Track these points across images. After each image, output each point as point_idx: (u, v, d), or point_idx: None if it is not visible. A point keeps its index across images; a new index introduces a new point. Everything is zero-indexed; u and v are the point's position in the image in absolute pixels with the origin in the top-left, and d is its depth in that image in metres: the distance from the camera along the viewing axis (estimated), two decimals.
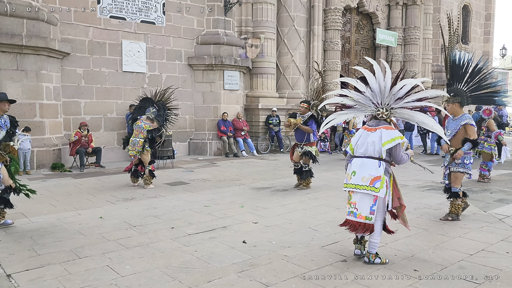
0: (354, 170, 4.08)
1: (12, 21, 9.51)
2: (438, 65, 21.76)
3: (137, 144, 7.90)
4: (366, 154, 4.08)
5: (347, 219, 4.11)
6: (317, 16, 15.67)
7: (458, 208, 5.68)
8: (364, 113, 4.41)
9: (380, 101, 4.20)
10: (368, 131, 4.14)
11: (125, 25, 11.99)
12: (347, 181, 4.16)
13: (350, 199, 4.11)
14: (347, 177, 4.18)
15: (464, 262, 4.08)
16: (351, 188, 4.08)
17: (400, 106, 4.18)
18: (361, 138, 4.17)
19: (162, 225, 5.42)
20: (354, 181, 4.05)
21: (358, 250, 4.18)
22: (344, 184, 4.19)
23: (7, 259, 4.16)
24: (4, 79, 9.56)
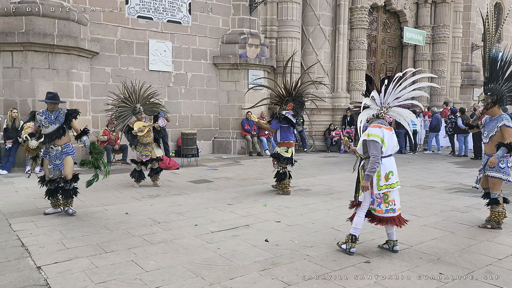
0: (391, 170, 4.27)
1: (44, 21, 9.81)
2: (468, 64, 21.19)
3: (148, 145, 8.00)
4: (393, 152, 4.33)
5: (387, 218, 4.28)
6: (343, 15, 15.51)
7: (499, 216, 5.25)
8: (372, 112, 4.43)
9: (384, 101, 4.37)
10: (389, 130, 4.29)
11: (152, 24, 12.19)
12: (383, 182, 4.21)
13: (387, 198, 4.27)
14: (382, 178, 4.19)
15: (492, 267, 3.98)
16: (392, 188, 4.25)
17: (396, 105, 4.38)
18: (390, 137, 4.26)
19: (186, 222, 5.50)
20: (393, 180, 4.26)
21: (354, 249, 4.31)
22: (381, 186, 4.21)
23: (37, 252, 4.30)
24: (37, 78, 9.88)
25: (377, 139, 4.16)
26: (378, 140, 4.16)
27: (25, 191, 7.39)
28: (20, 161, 9.68)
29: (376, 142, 4.16)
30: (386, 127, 4.27)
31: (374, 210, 4.33)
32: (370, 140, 4.18)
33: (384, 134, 4.21)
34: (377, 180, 4.21)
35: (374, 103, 4.40)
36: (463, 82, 20.94)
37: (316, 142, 15.03)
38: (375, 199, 4.31)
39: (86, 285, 3.50)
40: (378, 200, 4.30)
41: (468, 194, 7.43)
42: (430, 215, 5.90)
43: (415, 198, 7.06)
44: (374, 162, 4.15)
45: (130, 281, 3.59)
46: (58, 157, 5.76)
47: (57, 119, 5.74)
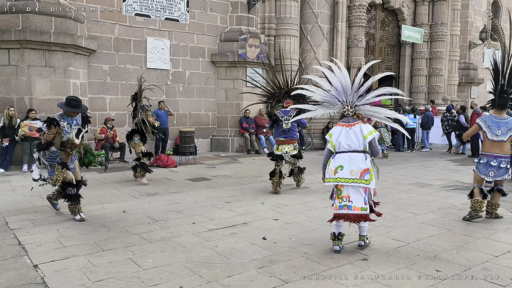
0: (341, 164, 4.25)
1: (41, 18, 9.77)
2: (466, 63, 21.21)
3: None
4: (351, 149, 4.27)
5: (339, 214, 4.28)
6: (341, 13, 15.50)
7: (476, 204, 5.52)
8: (333, 110, 4.57)
9: (345, 99, 4.40)
10: (347, 127, 4.33)
11: (150, 22, 12.16)
12: (330, 175, 4.30)
13: (340, 193, 4.28)
14: (330, 171, 4.32)
15: (488, 264, 3.99)
16: (339, 182, 4.24)
17: (362, 103, 4.39)
18: (342, 134, 4.33)
19: (184, 220, 5.49)
20: (341, 175, 4.23)
21: (337, 246, 4.30)
22: (328, 178, 4.36)
23: (34, 250, 4.29)
24: (33, 75, 9.84)
25: (328, 137, 4.44)
26: (328, 138, 4.44)
27: (22, 190, 7.37)
28: (17, 160, 9.65)
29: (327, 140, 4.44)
30: (344, 124, 4.36)
31: (333, 207, 4.36)
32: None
33: (335, 131, 4.37)
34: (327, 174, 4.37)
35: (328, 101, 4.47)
36: (461, 80, 20.97)
37: (314, 140, 15.03)
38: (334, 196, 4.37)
39: (83, 284, 3.50)
40: (334, 195, 4.37)
41: (465, 192, 7.44)
42: (427, 213, 5.91)
43: (412, 196, 7.07)
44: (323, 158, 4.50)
45: (127, 279, 3.59)
46: (73, 161, 5.58)
47: (76, 124, 5.51)
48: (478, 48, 22.44)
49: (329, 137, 4.41)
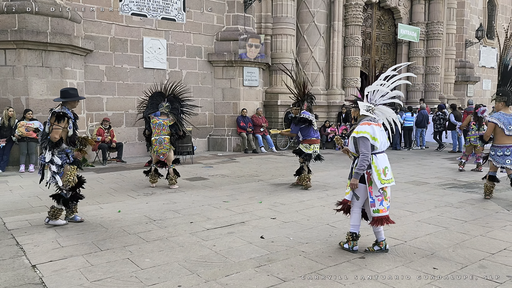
0: (386, 165, 4.21)
1: (38, 19, 9.74)
2: (462, 61, 21.28)
3: (163, 142, 7.52)
4: (385, 149, 4.27)
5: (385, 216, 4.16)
6: (337, 12, 15.52)
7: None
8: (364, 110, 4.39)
9: (372, 98, 4.35)
10: (379, 127, 4.26)
11: (146, 22, 12.14)
12: (383, 177, 4.09)
13: (386, 194, 4.19)
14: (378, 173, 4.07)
15: (485, 261, 4.01)
16: (390, 184, 4.19)
17: (381, 103, 4.35)
18: (381, 133, 4.20)
19: (181, 219, 5.50)
20: (389, 176, 4.19)
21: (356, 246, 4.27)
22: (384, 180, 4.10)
23: (32, 251, 4.29)
24: (30, 76, 9.82)
25: (367, 135, 4.07)
26: (367, 136, 4.07)
27: (19, 190, 7.36)
28: (14, 160, 9.63)
29: (365, 138, 4.07)
30: (375, 123, 4.20)
31: (377, 211, 4.12)
32: (359, 137, 4.11)
33: (375, 131, 4.13)
34: (377, 175, 4.08)
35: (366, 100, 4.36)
36: (457, 78, 21.04)
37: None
38: (375, 199, 4.12)
39: (81, 283, 3.50)
40: (379, 199, 4.12)
41: (462, 190, 7.49)
42: (424, 211, 5.94)
43: (409, 194, 7.10)
44: (363, 160, 4.07)
45: (125, 279, 3.60)
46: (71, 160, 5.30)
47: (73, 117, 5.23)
48: (474, 47, 22.52)
49: (370, 137, 4.07)
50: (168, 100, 7.71)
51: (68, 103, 5.16)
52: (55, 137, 4.96)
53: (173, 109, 7.68)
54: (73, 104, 5.21)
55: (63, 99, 5.10)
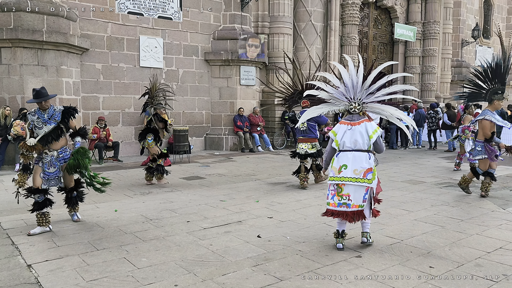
0: (345, 163, 4.25)
1: (33, 17, 9.69)
2: (458, 60, 21.35)
3: None
4: (356, 148, 4.26)
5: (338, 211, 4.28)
6: (334, 11, 15.53)
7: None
8: (338, 108, 4.54)
9: (353, 96, 4.38)
10: (352, 125, 4.30)
11: (143, 20, 12.11)
12: (334, 174, 4.29)
13: (341, 191, 4.27)
14: (334, 170, 4.30)
15: (481, 260, 4.03)
16: (342, 181, 4.25)
17: (371, 101, 4.38)
18: (347, 132, 4.29)
19: (178, 219, 5.49)
20: (345, 174, 4.23)
21: (340, 244, 4.33)
22: (332, 177, 4.31)
23: (28, 250, 4.27)
24: (26, 74, 9.77)
25: (331, 134, 4.41)
26: (331, 135, 4.41)
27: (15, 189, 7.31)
28: (9, 159, 9.58)
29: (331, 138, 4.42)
30: (347, 122, 4.32)
31: (328, 204, 4.36)
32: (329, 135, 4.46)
33: (340, 129, 4.33)
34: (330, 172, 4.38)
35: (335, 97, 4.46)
36: (453, 77, 21.10)
37: None
38: (329, 192, 4.35)
39: (77, 283, 3.49)
40: (332, 193, 4.33)
41: (458, 189, 7.50)
42: (420, 210, 5.95)
43: (406, 193, 7.12)
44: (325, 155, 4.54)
45: (122, 278, 3.58)
46: (53, 164, 4.98)
47: (52, 118, 4.96)
48: (470, 46, 22.58)
49: (333, 135, 4.38)
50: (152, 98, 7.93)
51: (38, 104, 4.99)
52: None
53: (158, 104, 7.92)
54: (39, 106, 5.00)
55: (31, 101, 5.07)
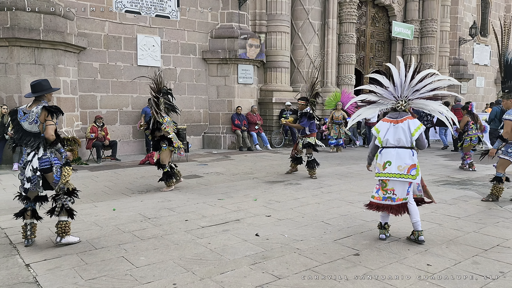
0: (389, 160, 4.41)
1: (30, 16, 9.67)
2: (456, 58, 21.38)
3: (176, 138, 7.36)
4: (399, 144, 4.42)
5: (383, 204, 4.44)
6: (332, 9, 15.52)
7: (498, 191, 6.31)
8: (386, 107, 4.71)
9: (400, 94, 4.55)
10: (395, 123, 4.46)
11: (140, 19, 12.08)
12: (379, 170, 4.46)
13: (385, 186, 4.44)
14: (379, 166, 4.47)
15: (478, 257, 4.05)
16: (387, 177, 4.40)
17: (416, 97, 4.55)
18: (390, 129, 4.47)
19: (176, 217, 5.49)
20: (390, 170, 4.40)
21: (383, 234, 4.56)
22: (378, 173, 4.48)
23: (26, 249, 4.27)
24: (23, 73, 9.75)
25: (374, 131, 4.58)
26: (374, 132, 4.57)
27: (13, 188, 7.30)
28: (7, 158, 9.56)
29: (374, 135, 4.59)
30: (394, 120, 4.48)
31: (372, 197, 4.52)
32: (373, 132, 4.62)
33: (382, 127, 4.49)
34: (374, 168, 4.59)
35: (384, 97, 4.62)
36: (451, 75, 21.12)
37: None
38: (374, 187, 4.55)
39: (76, 282, 3.49)
40: (376, 187, 4.51)
41: (455, 187, 7.54)
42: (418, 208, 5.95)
43: None
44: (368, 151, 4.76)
45: (120, 277, 3.59)
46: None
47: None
48: (468, 44, 22.62)
49: (376, 132, 4.55)
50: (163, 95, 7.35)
51: (45, 97, 4.48)
52: (52, 134, 4.31)
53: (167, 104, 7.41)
54: (49, 97, 4.56)
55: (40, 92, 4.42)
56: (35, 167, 4.29)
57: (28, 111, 4.36)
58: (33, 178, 4.32)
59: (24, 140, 4.35)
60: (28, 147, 4.36)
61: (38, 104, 4.37)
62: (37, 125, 4.31)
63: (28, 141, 4.33)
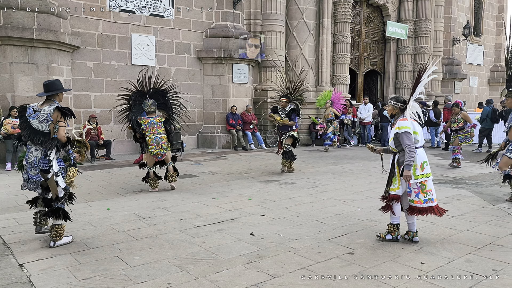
0: (425, 160, 4.39)
1: (23, 14, 9.60)
2: (449, 58, 21.49)
3: (161, 141, 6.90)
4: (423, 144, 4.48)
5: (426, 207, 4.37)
6: (326, 9, 15.54)
7: None
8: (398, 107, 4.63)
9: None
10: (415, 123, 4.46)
11: (135, 18, 12.04)
12: (418, 172, 4.32)
13: (425, 188, 4.35)
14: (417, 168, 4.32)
15: (471, 256, 4.07)
16: (426, 178, 4.34)
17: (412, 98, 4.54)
18: (419, 128, 4.46)
19: (171, 217, 5.48)
20: (428, 170, 4.38)
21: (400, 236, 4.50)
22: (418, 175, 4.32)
23: (19, 249, 4.24)
24: (16, 72, 9.68)
25: (409, 130, 4.32)
26: (410, 131, 4.32)
27: (5, 188, 7.26)
28: (0, 158, 9.49)
29: (408, 133, 4.31)
30: (412, 119, 4.46)
31: (412, 202, 4.40)
32: (402, 132, 4.31)
33: (415, 126, 4.41)
34: (413, 170, 4.31)
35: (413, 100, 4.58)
36: (445, 75, 21.25)
37: (300, 136, 15.06)
38: (412, 190, 4.38)
39: (70, 282, 3.47)
40: (415, 191, 4.37)
41: (449, 186, 7.58)
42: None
43: None
44: (410, 152, 4.27)
45: (115, 277, 3.58)
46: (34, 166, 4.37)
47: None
48: (461, 44, 22.75)
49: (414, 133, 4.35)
50: (150, 96, 7.13)
51: (57, 97, 4.48)
52: (64, 136, 4.32)
53: (160, 104, 7.15)
54: (61, 97, 4.58)
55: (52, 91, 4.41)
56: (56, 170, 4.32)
57: (39, 109, 4.34)
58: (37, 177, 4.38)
59: (33, 138, 4.32)
60: (37, 146, 4.33)
61: (50, 104, 4.38)
62: (48, 125, 4.30)
63: (38, 140, 4.30)
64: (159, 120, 7.02)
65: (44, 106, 4.37)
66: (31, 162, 4.37)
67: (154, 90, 7.21)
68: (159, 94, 7.21)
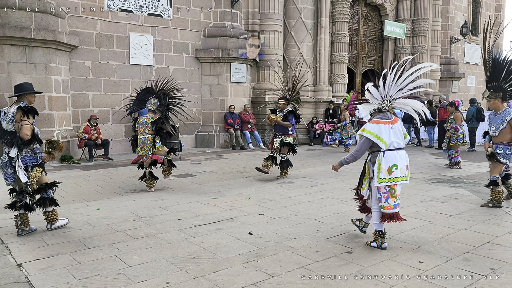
0: (395, 163, 4.15)
1: (21, 14, 9.58)
2: (447, 57, 21.53)
3: (146, 142, 6.93)
4: (399, 146, 4.23)
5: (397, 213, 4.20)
6: (324, 8, 15.56)
7: (498, 195, 5.94)
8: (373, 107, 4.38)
9: (386, 94, 4.31)
10: (392, 124, 4.21)
11: (133, 18, 12.03)
12: (385, 175, 4.12)
13: (394, 192, 4.17)
14: (383, 171, 4.12)
15: (469, 254, 4.09)
16: (395, 182, 4.14)
17: (399, 97, 4.32)
18: (390, 132, 4.18)
19: (169, 216, 5.49)
20: (396, 174, 4.15)
21: (385, 244, 4.26)
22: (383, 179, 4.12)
23: (18, 249, 4.24)
24: (14, 72, 9.66)
25: (369, 135, 4.15)
26: (370, 136, 4.14)
27: (3, 188, 7.24)
28: None
29: (366, 139, 4.17)
30: (386, 121, 4.20)
31: (383, 208, 4.18)
32: (363, 135, 4.21)
33: (381, 130, 4.14)
34: (377, 173, 4.14)
35: (373, 97, 4.33)
36: (442, 74, 21.30)
37: (299, 135, 15.10)
38: (381, 195, 4.17)
39: (68, 281, 3.47)
40: (385, 195, 4.16)
41: (447, 185, 7.60)
42: (410, 205, 6.01)
43: None
44: (352, 156, 4.29)
45: (113, 276, 3.58)
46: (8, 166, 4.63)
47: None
48: (459, 43, 22.80)
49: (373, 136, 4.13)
50: (157, 97, 7.13)
51: (26, 98, 4.66)
52: (26, 134, 4.47)
53: (160, 105, 7.10)
54: (30, 99, 4.72)
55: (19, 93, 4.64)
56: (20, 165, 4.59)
57: (8, 111, 4.65)
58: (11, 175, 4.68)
59: (3, 138, 4.65)
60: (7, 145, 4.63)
61: (16, 105, 4.64)
62: (13, 124, 4.58)
63: (6, 139, 4.62)
64: (149, 119, 6.99)
65: (12, 107, 4.64)
66: (5, 162, 4.65)
67: (163, 92, 7.22)
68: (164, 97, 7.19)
